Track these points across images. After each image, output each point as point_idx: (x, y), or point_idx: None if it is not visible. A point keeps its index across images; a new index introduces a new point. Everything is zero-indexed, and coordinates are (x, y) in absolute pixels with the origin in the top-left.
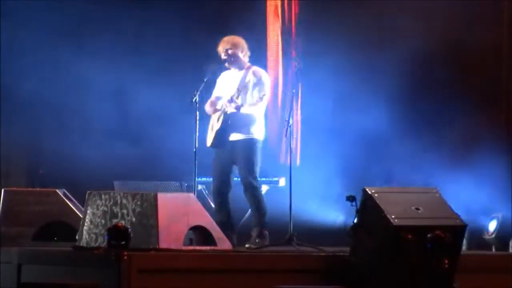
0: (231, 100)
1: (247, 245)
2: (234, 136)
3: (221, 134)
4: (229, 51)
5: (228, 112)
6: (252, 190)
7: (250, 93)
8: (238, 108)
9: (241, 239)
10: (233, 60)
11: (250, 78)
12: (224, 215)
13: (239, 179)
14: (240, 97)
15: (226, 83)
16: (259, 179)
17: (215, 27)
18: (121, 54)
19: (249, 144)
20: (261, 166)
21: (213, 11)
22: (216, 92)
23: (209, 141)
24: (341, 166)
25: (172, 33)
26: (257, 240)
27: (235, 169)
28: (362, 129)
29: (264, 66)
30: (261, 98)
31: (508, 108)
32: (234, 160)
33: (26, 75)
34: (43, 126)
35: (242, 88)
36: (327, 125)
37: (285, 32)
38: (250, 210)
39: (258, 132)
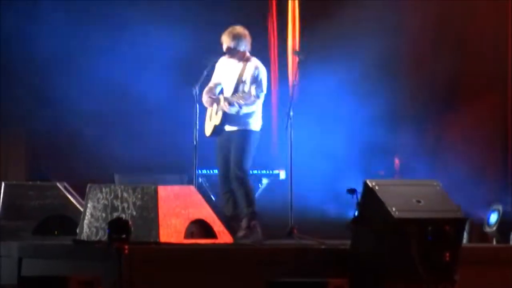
0: (231, 104)
1: (237, 236)
2: (229, 127)
3: (220, 128)
4: (231, 45)
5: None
6: (237, 182)
7: (248, 88)
8: (238, 112)
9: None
10: (234, 53)
11: (248, 73)
12: (231, 205)
13: None
14: (238, 94)
15: (225, 72)
16: (256, 171)
17: (217, 18)
18: (122, 46)
19: (243, 135)
20: (260, 157)
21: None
22: (214, 79)
23: (207, 131)
24: (342, 158)
25: (173, 27)
26: (245, 231)
27: None
28: (363, 119)
29: (265, 57)
30: (257, 96)
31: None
32: (231, 150)
33: (27, 67)
34: (43, 119)
35: (239, 86)
36: (328, 116)
37: (286, 25)
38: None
39: (253, 123)
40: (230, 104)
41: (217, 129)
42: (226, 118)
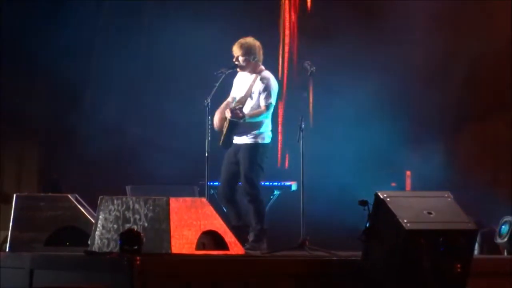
0: (233, 113)
1: (245, 248)
2: (238, 139)
3: (228, 136)
4: (240, 58)
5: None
6: (248, 197)
7: (256, 100)
8: (238, 120)
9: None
10: (245, 65)
11: (258, 85)
12: (234, 217)
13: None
14: (244, 107)
15: (238, 86)
16: (267, 183)
17: (227, 28)
18: (133, 56)
19: (252, 149)
20: (272, 169)
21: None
22: (232, 93)
23: (220, 140)
24: (353, 169)
25: (184, 36)
26: (251, 245)
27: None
28: (374, 133)
29: (275, 67)
30: (266, 107)
31: None
32: (238, 163)
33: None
34: (56, 132)
35: (246, 98)
36: (339, 128)
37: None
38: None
39: (262, 136)
40: (232, 111)
41: (226, 139)
42: (232, 127)
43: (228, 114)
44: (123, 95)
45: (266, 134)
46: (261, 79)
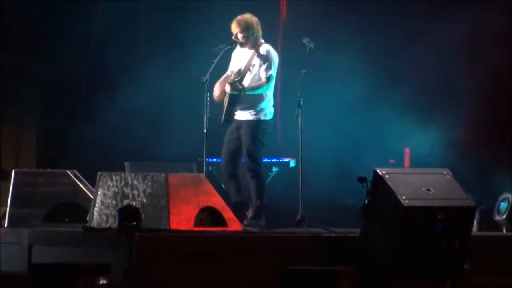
0: (232, 86)
1: (243, 223)
2: (239, 115)
3: (229, 112)
4: (239, 35)
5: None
6: (250, 173)
7: (256, 72)
8: (238, 92)
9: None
10: (245, 42)
11: (257, 58)
12: (234, 191)
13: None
14: (244, 79)
15: (238, 60)
16: (266, 160)
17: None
18: (131, 36)
19: (253, 125)
20: (270, 145)
21: None
22: (230, 67)
23: (222, 116)
24: (351, 146)
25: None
26: (250, 221)
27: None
28: (375, 108)
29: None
30: (267, 78)
31: None
32: (240, 139)
33: (34, 56)
34: (53, 107)
35: (246, 71)
36: (337, 104)
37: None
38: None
39: (264, 112)
40: (232, 85)
41: (227, 115)
42: (232, 101)
43: (227, 88)
44: (121, 73)
45: (267, 110)
46: (260, 51)
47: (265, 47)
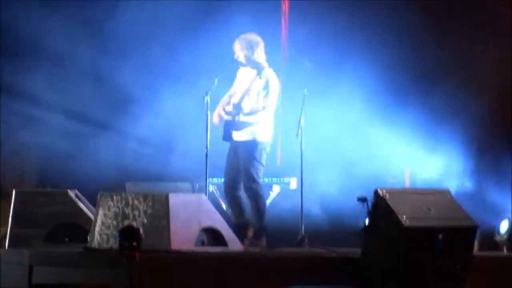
0: (228, 112)
1: (244, 243)
2: (237, 136)
3: (227, 129)
4: (240, 54)
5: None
6: (250, 193)
7: (255, 98)
8: (234, 117)
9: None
10: (247, 61)
11: (257, 83)
12: (236, 213)
13: None
14: (242, 103)
15: (240, 81)
16: (266, 180)
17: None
18: (131, 56)
19: (251, 146)
20: (271, 165)
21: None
22: (233, 87)
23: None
24: (352, 166)
25: (184, 34)
26: (252, 240)
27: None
28: (374, 128)
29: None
30: (264, 106)
31: None
32: (239, 159)
33: (33, 74)
34: (54, 127)
35: (245, 95)
36: (338, 124)
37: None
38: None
39: (262, 133)
40: (227, 113)
41: (225, 134)
42: (229, 123)
43: (223, 113)
44: (121, 91)
45: (265, 130)
46: (261, 77)
47: (266, 73)
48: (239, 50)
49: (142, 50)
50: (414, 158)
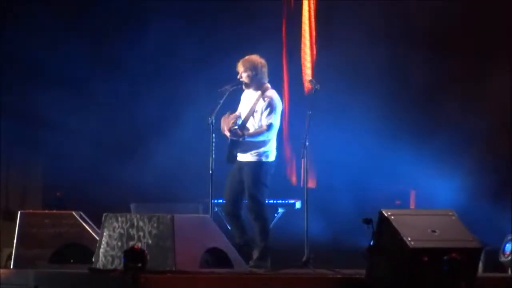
0: (232, 132)
1: (249, 264)
2: (241, 157)
3: (230, 151)
4: (243, 75)
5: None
6: (253, 214)
7: (258, 118)
8: (238, 139)
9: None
10: (249, 82)
11: (260, 104)
12: (239, 232)
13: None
14: (247, 124)
15: (244, 103)
16: (271, 201)
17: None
18: (135, 73)
19: (255, 167)
20: (276, 186)
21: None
22: (238, 109)
23: (226, 156)
24: (357, 187)
25: (187, 52)
26: (257, 262)
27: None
28: (380, 149)
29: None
30: (268, 126)
31: None
32: (242, 180)
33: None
34: (59, 149)
35: (250, 116)
36: (344, 145)
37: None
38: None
39: (266, 154)
40: (231, 132)
41: (229, 155)
42: (233, 143)
43: (227, 134)
44: (128, 111)
45: (270, 152)
46: (263, 98)
47: (268, 94)
48: (241, 71)
49: (147, 67)
50: (420, 179)
